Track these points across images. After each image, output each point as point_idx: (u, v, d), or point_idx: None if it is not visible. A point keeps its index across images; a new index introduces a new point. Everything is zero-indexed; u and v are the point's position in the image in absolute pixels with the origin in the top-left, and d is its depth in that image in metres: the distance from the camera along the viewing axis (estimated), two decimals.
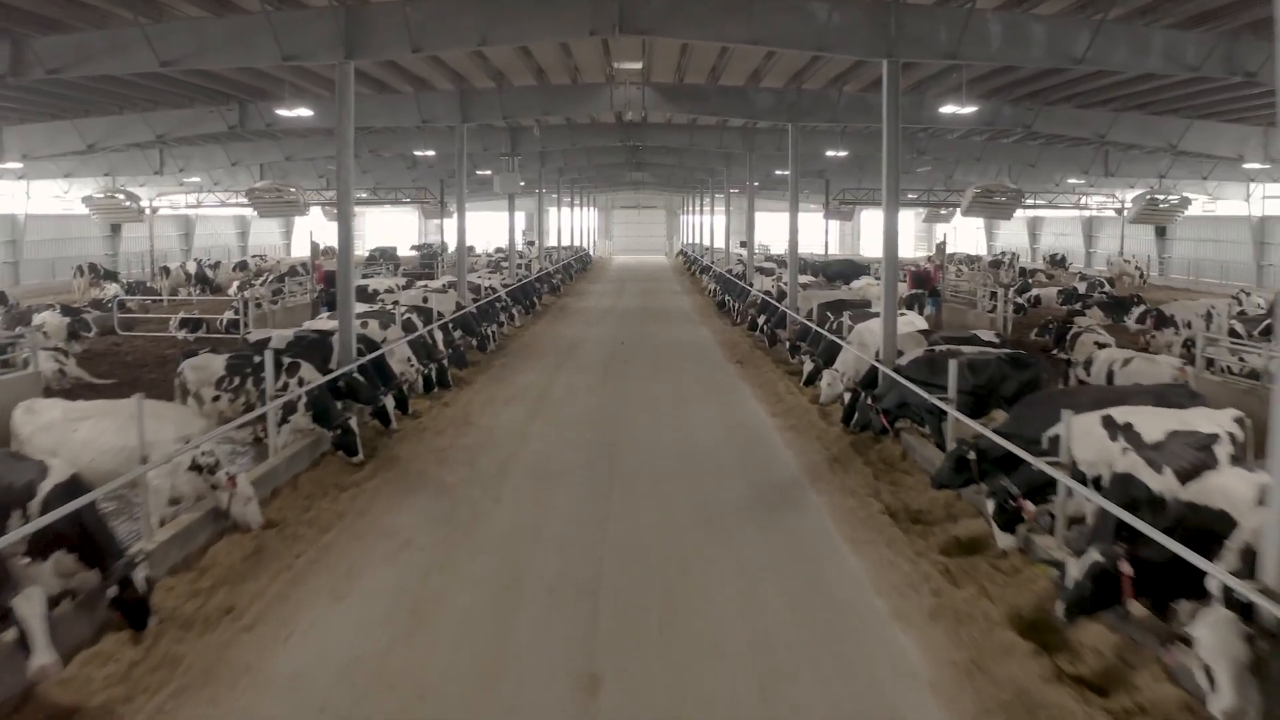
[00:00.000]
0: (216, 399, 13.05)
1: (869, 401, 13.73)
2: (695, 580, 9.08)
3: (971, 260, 49.34)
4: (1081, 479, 8.84)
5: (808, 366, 18.52)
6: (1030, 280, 40.63)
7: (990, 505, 9.08)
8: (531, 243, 76.65)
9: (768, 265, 44.63)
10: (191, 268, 38.16)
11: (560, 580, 9.04)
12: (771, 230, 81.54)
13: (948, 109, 20.21)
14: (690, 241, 76.64)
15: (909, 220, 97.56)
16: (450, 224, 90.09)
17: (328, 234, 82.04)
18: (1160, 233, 55.08)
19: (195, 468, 10.12)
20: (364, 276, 36.90)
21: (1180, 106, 25.54)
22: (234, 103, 25.13)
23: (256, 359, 12.99)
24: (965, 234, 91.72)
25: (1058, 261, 52.87)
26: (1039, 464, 8.84)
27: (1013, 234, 79.16)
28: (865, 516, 10.75)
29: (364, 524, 10.58)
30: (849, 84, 23.56)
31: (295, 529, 10.33)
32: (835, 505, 11.26)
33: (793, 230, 25.65)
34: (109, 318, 26.77)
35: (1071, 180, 43.84)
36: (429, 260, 51.71)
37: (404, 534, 10.26)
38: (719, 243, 55.04)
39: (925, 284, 27.78)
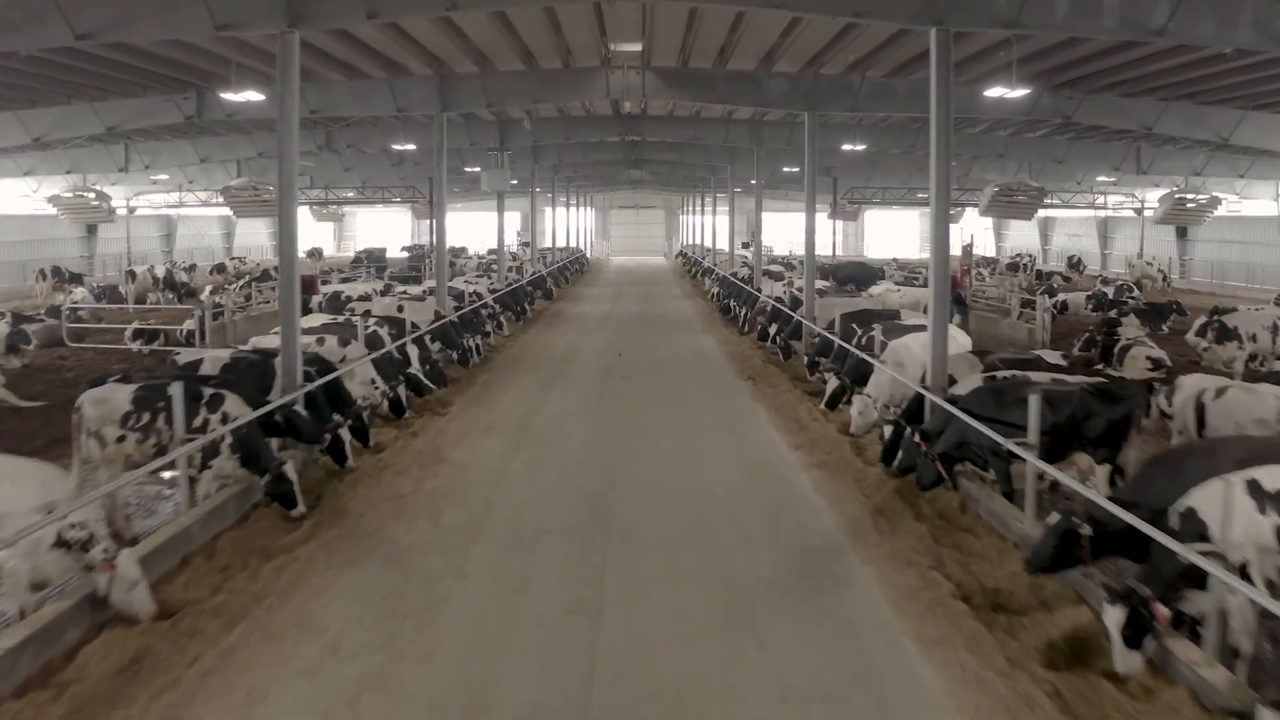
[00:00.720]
0: (121, 440, 10.63)
1: (917, 440, 11.35)
2: (717, 708, 6.70)
3: (988, 262, 46.91)
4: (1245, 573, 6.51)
5: (831, 384, 16.19)
6: (1052, 284, 38.23)
7: (1116, 614, 6.67)
8: (527, 244, 74.44)
9: (775, 268, 42.30)
10: (160, 271, 35.65)
11: (537, 709, 6.67)
12: (775, 231, 79.18)
13: (995, 92, 17.76)
14: (690, 242, 74.29)
15: (914, 220, 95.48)
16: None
17: (316, 235, 79.47)
18: (1181, 233, 52.79)
19: (62, 544, 7.75)
20: (343, 280, 34.53)
21: (1232, 96, 23.21)
22: (190, 90, 22.76)
23: (172, 389, 10.59)
24: (972, 234, 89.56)
25: (1075, 264, 50.46)
26: (1190, 555, 6.46)
27: (1022, 235, 76.91)
28: (931, 600, 8.36)
29: (285, 613, 8.17)
30: (872, 68, 21.18)
31: (195, 620, 7.93)
32: (889, 581, 8.87)
33: (809, 231, 23.34)
34: (57, 328, 24.35)
35: (1101, 179, 41.44)
36: (418, 262, 49.29)
37: (334, 629, 7.86)
38: (721, 244, 52.66)
39: (950, 290, 25.38)
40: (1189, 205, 36.25)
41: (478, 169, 45.09)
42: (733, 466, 12.95)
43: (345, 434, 12.60)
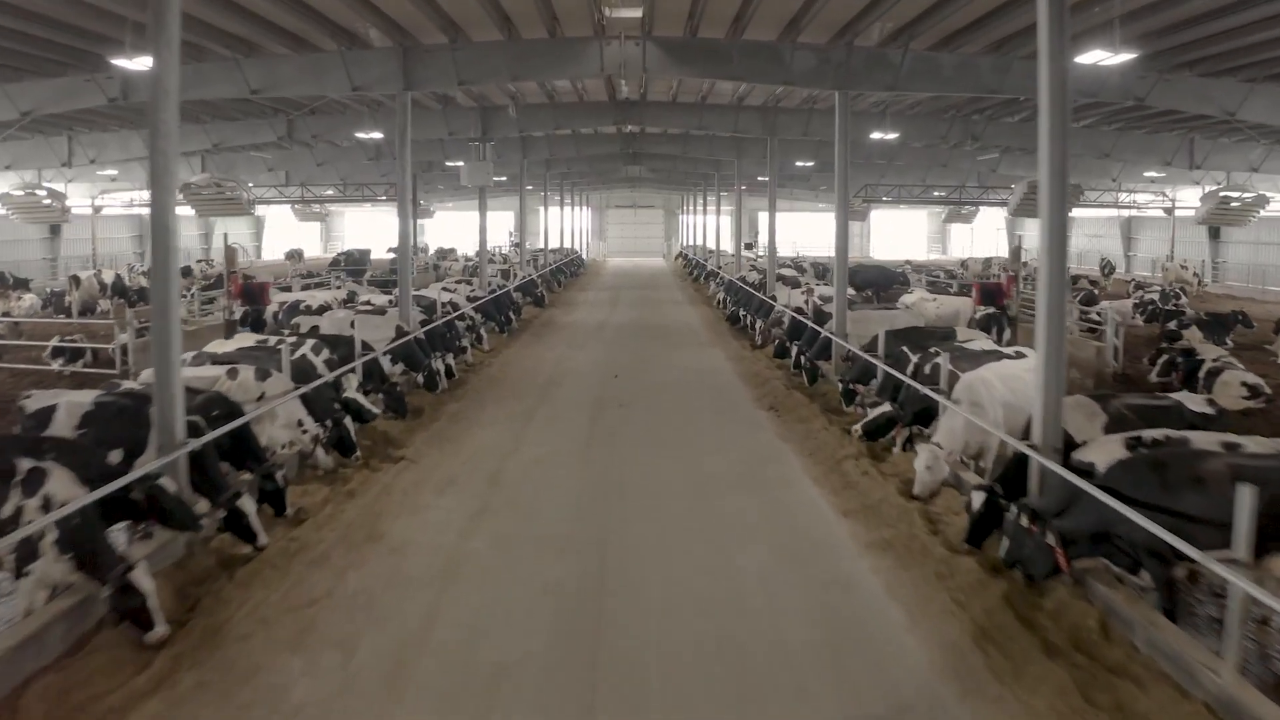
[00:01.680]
0: None
1: (1026, 523, 8.10)
2: None
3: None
4: None
5: (876, 411, 13.03)
6: (1092, 291, 35.00)
7: None
8: (519, 244, 71.13)
9: (786, 272, 39.09)
10: (109, 276, 32.29)
11: None
12: (780, 229, 75.89)
13: (1090, 57, 14.40)
14: (691, 243, 71.05)
15: (921, 220, 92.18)
16: (429, 224, 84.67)
17: (299, 236, 76.07)
18: (1214, 235, 49.63)
19: None
20: (309, 286, 31.25)
21: None
22: (113, 70, 19.46)
23: None
24: (982, 235, 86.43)
25: (1107, 269, 47.23)
26: None
27: (1033, 236, 73.70)
28: None
29: None
30: (917, 38, 17.94)
31: None
32: None
33: (841, 229, 20.01)
34: None
35: (1149, 173, 38.32)
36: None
37: None
38: (725, 244, 49.44)
39: (996, 300, 22.16)
40: (1234, 204, 33.14)
41: (461, 163, 42.07)
42: (767, 549, 9.65)
43: (249, 503, 9.35)
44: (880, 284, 34.61)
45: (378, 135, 27.31)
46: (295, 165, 45.41)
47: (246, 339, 15.17)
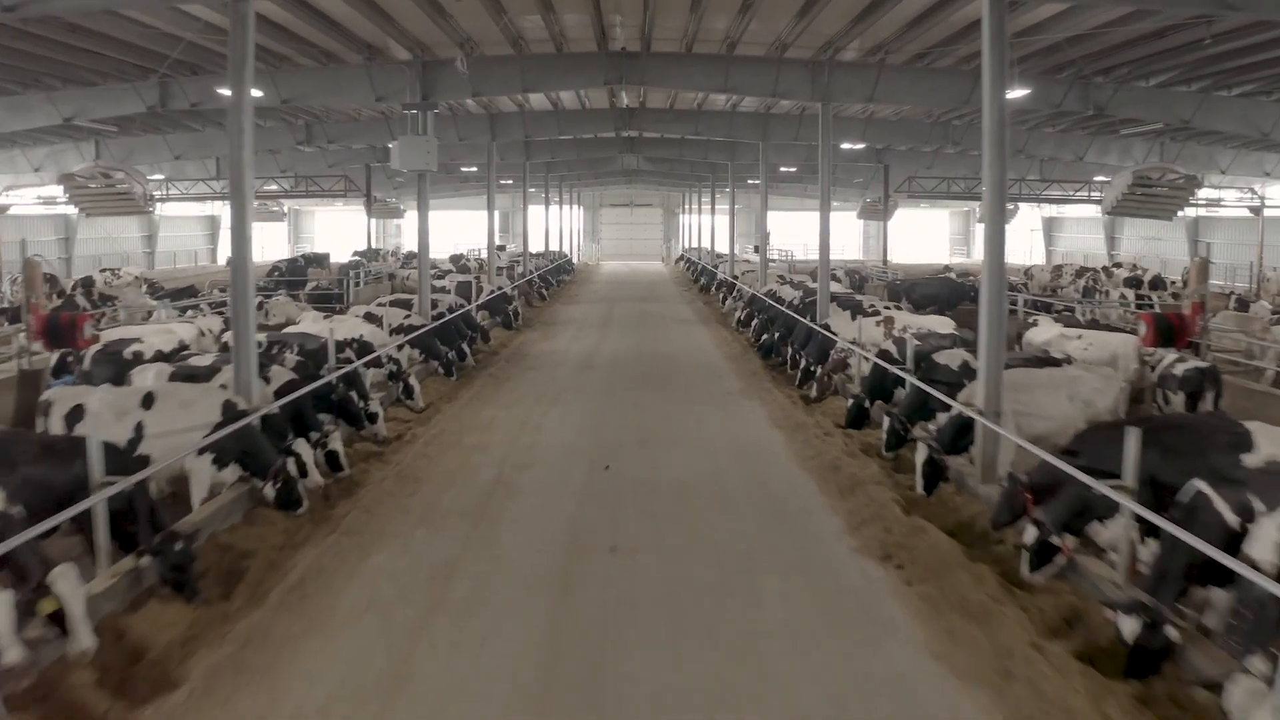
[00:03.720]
0: None
1: None
2: None
3: (1089, 272, 36.01)
4: None
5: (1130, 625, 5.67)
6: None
7: None
8: (501, 248, 63.55)
9: (799, 279, 31.75)
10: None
11: None
12: (787, 231, 68.41)
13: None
14: (694, 246, 63.64)
15: (943, 220, 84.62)
16: (402, 223, 76.93)
17: (258, 237, 68.77)
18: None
19: None
20: (213, 300, 23.80)
21: None
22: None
23: None
24: (1012, 236, 79.04)
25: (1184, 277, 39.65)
26: None
27: (1080, 237, 66.52)
28: None
29: None
30: None
31: None
32: None
33: (995, 214, 12.50)
34: None
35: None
36: (352, 270, 38.38)
37: None
38: (740, 247, 41.93)
39: (1178, 337, 14.79)
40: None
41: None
42: None
43: None
44: (944, 300, 27.24)
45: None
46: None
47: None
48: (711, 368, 21.13)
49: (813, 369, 17.90)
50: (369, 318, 18.87)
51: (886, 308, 19.95)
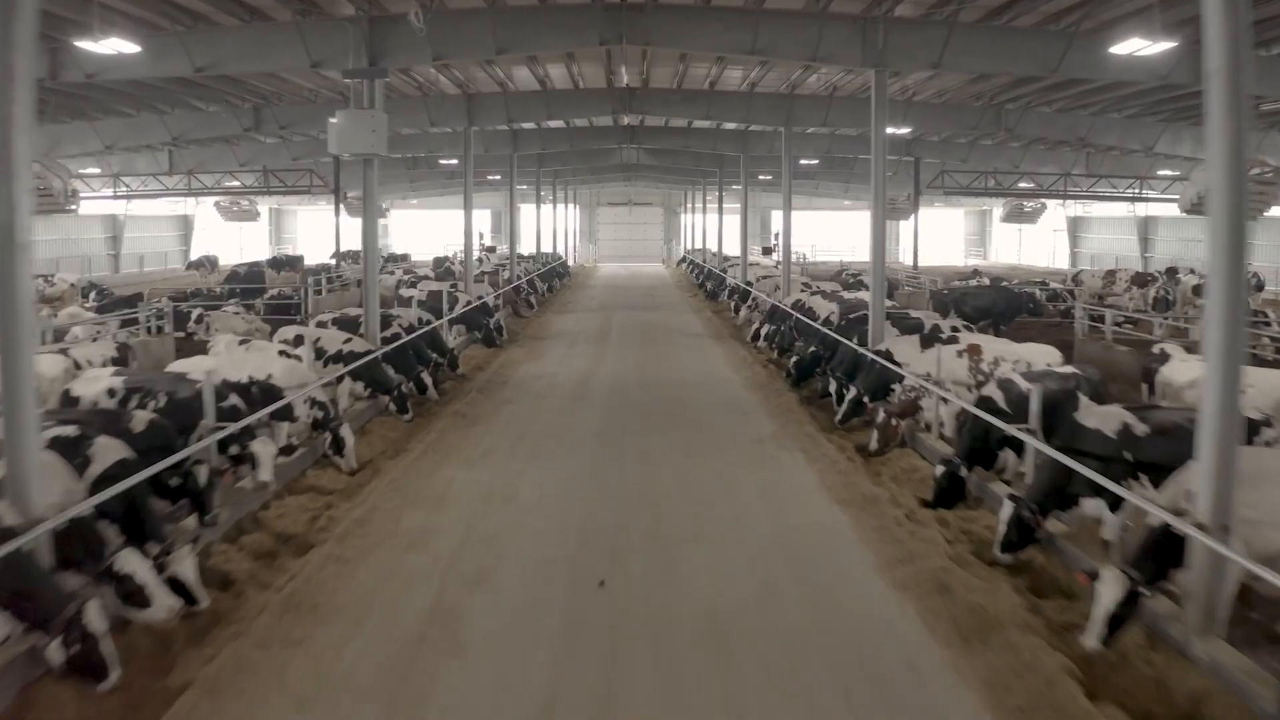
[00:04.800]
0: None
1: None
2: None
3: (1154, 279, 31.80)
4: None
5: None
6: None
7: None
8: (492, 249, 59.47)
9: (826, 287, 27.83)
10: None
11: None
12: (795, 231, 64.05)
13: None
14: (697, 246, 59.62)
15: (957, 220, 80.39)
16: (386, 224, 72.85)
17: (220, 241, 64.21)
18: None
19: None
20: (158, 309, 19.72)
21: None
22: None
23: None
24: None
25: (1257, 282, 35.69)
26: None
27: (1107, 239, 62.51)
28: None
29: None
30: None
31: None
32: None
33: (1232, 185, 8.46)
34: None
35: None
36: (314, 275, 34.27)
37: None
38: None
39: None
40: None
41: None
42: None
43: None
44: (1001, 313, 23.22)
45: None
46: (184, 150, 34.09)
47: None
48: (733, 400, 17.06)
49: (864, 401, 13.92)
50: (299, 341, 14.81)
51: (956, 328, 15.88)
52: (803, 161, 32.83)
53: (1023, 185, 38.37)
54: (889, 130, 23.48)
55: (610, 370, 20.44)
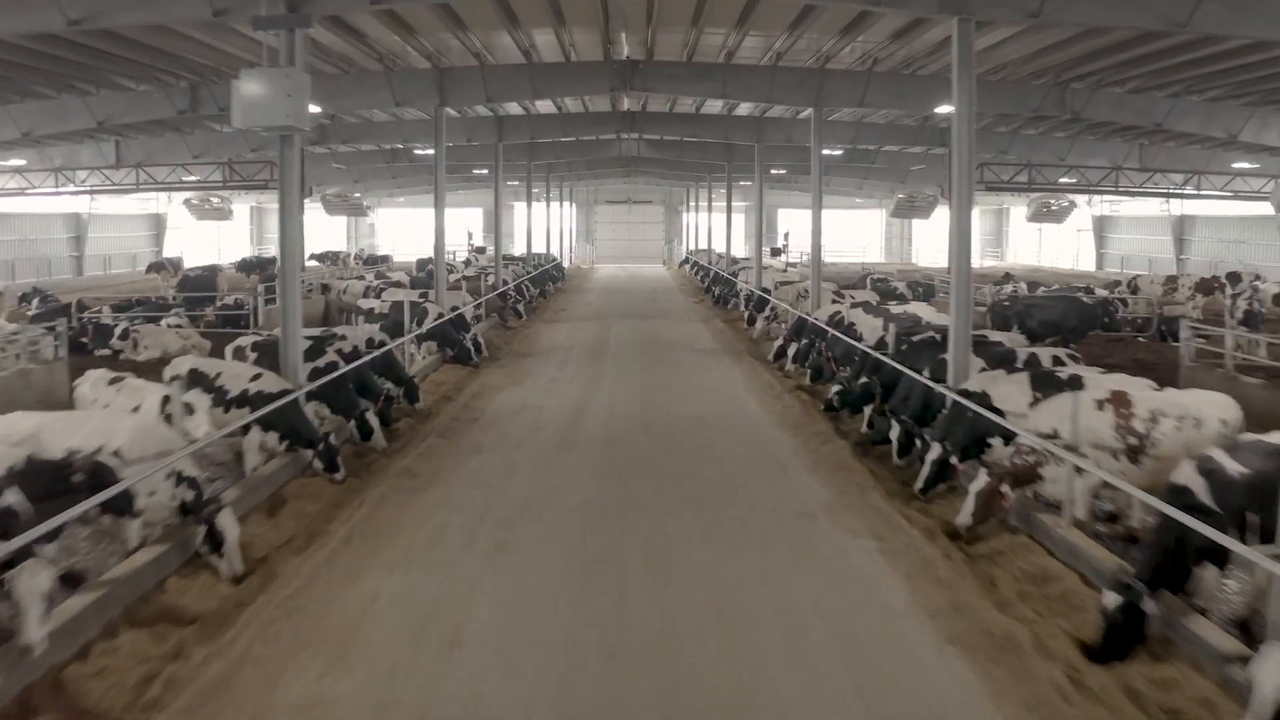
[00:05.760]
0: None
1: None
2: None
3: (1208, 285, 28.15)
4: None
5: None
6: None
7: None
8: (482, 249, 55.71)
9: (862, 296, 24.23)
10: None
11: None
12: (801, 231, 60.14)
13: None
14: (701, 248, 55.91)
15: (973, 218, 75.96)
16: (368, 224, 69.26)
17: (196, 241, 60.45)
18: None
19: None
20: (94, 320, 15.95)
21: None
22: None
23: None
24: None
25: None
26: None
27: (1139, 239, 58.75)
28: None
29: None
30: None
31: None
32: None
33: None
34: None
35: None
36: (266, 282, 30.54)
37: None
38: (759, 252, 33.93)
39: None
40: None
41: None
42: None
43: None
44: (1073, 329, 19.52)
45: None
46: (133, 140, 30.44)
47: None
48: (765, 448, 13.32)
49: (949, 459, 10.24)
50: (195, 379, 11.06)
51: (1060, 359, 12.15)
52: (825, 151, 29.14)
53: (1063, 180, 34.74)
54: (945, 108, 19.79)
55: (607, 401, 16.71)
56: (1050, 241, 67.92)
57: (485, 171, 37.30)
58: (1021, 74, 21.33)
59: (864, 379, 13.53)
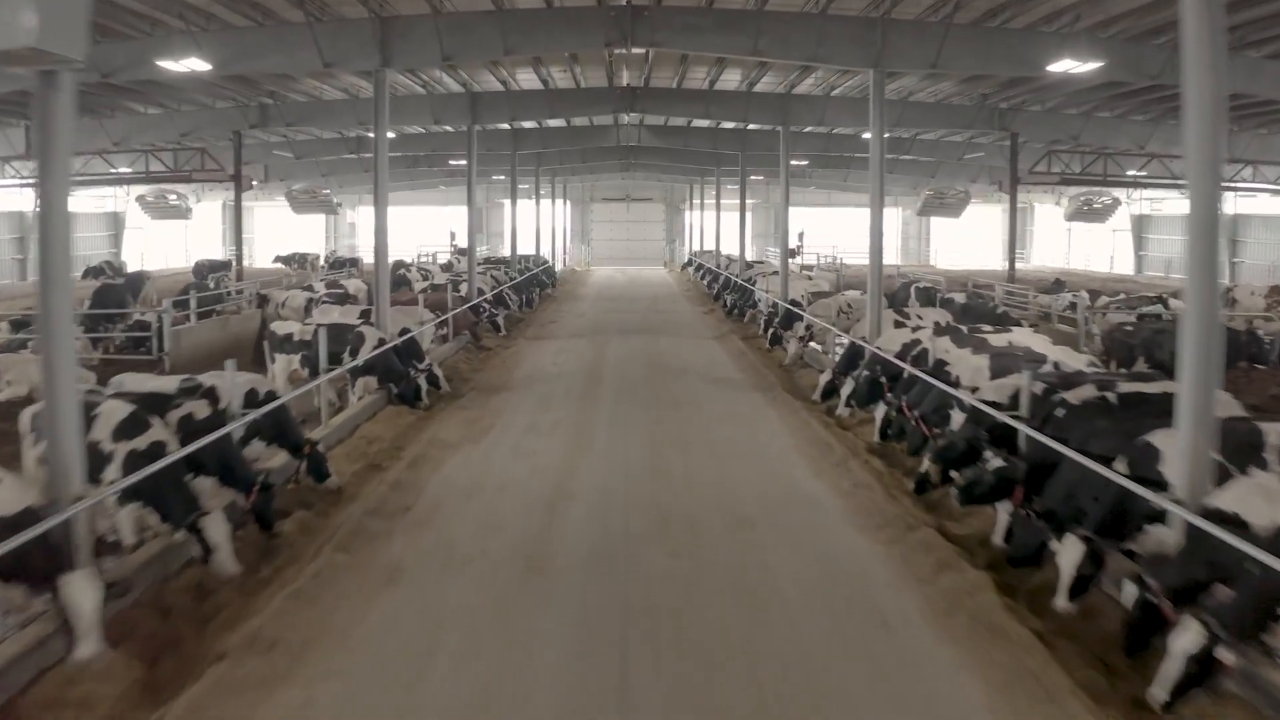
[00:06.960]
0: None
1: None
2: None
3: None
4: None
5: None
6: None
7: None
8: (463, 251, 50.79)
9: (934, 317, 19.30)
10: None
11: None
12: (808, 231, 55.14)
13: None
14: (707, 249, 51.08)
15: (993, 217, 71.12)
16: (342, 222, 64.26)
17: (162, 241, 54.94)
18: None
19: None
20: None
21: None
22: None
23: None
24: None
25: None
26: None
27: (1174, 241, 54.05)
28: None
29: None
30: None
31: None
32: None
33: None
34: None
35: None
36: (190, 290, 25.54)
37: None
38: (785, 258, 28.93)
39: None
40: None
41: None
42: None
43: None
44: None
45: None
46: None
47: None
48: (847, 578, 8.45)
49: (1152, 599, 5.43)
50: None
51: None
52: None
53: (1132, 173, 29.94)
54: (1063, 66, 14.99)
55: (601, 477, 11.78)
56: (1080, 242, 63.13)
57: (463, 163, 32.49)
58: (1138, 30, 16.50)
59: (1000, 466, 8.66)
